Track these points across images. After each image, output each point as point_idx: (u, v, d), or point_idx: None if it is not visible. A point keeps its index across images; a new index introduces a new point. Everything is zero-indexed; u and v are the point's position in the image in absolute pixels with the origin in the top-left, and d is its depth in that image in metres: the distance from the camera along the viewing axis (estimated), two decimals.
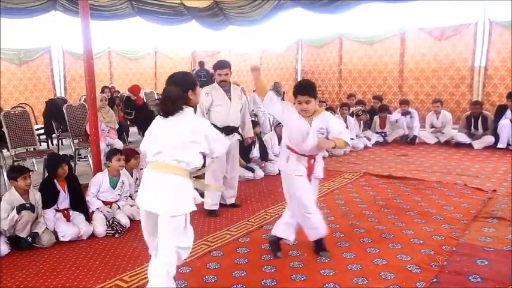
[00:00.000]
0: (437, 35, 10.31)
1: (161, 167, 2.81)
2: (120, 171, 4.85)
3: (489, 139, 8.11)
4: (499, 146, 7.95)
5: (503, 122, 8.00)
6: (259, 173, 6.49)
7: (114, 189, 4.77)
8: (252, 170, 6.46)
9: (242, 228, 4.46)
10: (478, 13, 9.79)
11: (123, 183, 4.85)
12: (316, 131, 3.48)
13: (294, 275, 3.38)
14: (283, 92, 11.69)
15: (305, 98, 3.46)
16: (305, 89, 3.51)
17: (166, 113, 2.86)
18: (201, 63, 13.55)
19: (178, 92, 2.84)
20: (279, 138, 7.20)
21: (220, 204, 4.99)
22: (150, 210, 2.86)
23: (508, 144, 7.93)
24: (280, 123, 7.30)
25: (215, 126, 4.80)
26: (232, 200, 5.18)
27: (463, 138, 8.34)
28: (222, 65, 4.87)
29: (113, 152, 4.89)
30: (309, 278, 3.34)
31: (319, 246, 3.75)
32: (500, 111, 8.23)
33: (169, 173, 2.79)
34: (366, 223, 4.47)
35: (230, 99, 4.86)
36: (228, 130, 4.85)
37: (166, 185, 2.79)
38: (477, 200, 5.08)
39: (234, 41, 14.43)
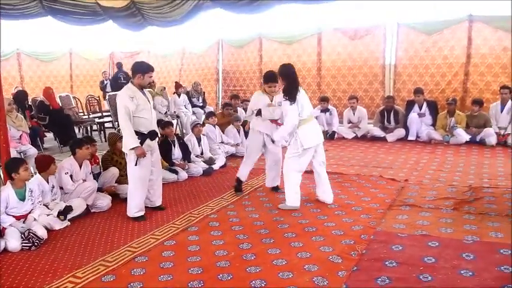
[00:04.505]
0: (351, 35, 10.78)
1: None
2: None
3: (401, 132, 8.70)
4: (409, 138, 8.57)
5: (412, 116, 8.61)
6: (183, 175, 6.39)
7: (23, 201, 4.36)
8: (175, 172, 6.35)
9: (167, 231, 4.38)
10: (387, 15, 10.46)
11: (31, 191, 4.43)
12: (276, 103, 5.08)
13: (220, 275, 3.39)
14: (204, 92, 11.63)
15: (269, 84, 5.17)
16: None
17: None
18: (120, 65, 13.10)
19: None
20: (198, 140, 7.16)
21: (145, 207, 4.86)
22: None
23: (417, 136, 8.56)
24: (197, 124, 7.29)
25: (141, 133, 4.56)
26: (157, 203, 5.06)
27: (378, 132, 8.86)
28: (152, 67, 4.71)
29: (18, 162, 4.43)
30: (235, 277, 3.37)
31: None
32: (409, 106, 8.87)
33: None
34: (289, 218, 4.58)
35: (149, 101, 4.72)
36: (153, 135, 4.71)
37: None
38: (391, 189, 5.41)
39: (154, 42, 14.13)
